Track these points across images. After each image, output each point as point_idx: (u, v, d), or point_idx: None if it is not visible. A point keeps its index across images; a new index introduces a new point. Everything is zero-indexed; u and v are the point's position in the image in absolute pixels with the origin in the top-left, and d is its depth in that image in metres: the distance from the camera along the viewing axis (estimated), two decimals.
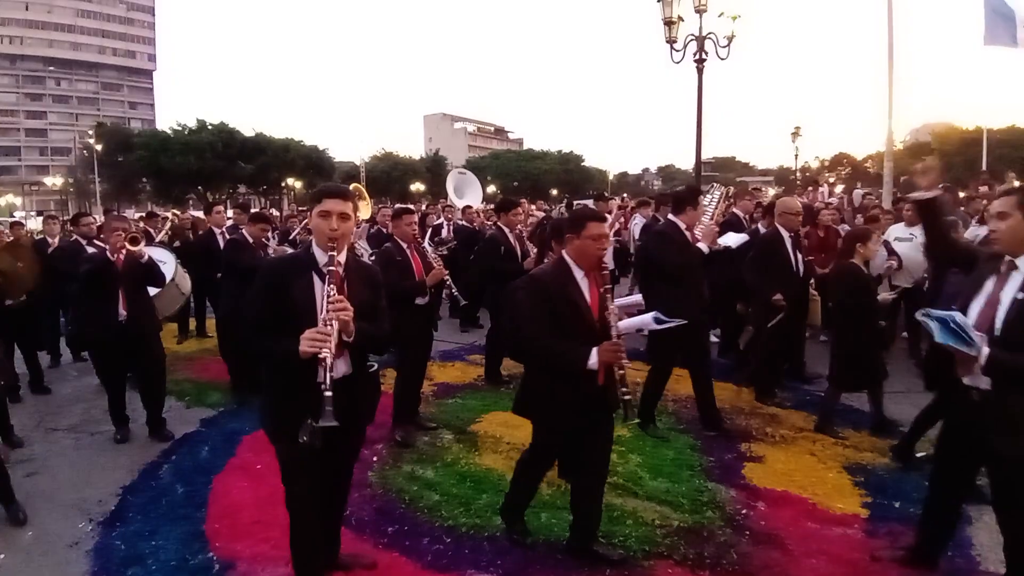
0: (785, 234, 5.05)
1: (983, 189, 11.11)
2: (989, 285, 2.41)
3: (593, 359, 2.62)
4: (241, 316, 2.52)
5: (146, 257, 4.54)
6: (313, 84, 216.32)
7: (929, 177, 2.75)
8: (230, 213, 9.12)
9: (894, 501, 3.51)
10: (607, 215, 5.09)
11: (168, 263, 6.33)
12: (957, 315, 2.32)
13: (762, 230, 5.85)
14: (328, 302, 2.22)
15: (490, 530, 3.23)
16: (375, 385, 2.67)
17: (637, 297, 3.31)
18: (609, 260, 5.97)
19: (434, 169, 54.13)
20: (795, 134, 29.14)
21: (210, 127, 44.70)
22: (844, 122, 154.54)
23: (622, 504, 3.48)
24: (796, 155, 31.18)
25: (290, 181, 45.76)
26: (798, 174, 36.53)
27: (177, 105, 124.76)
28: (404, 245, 4.52)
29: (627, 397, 2.67)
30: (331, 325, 2.18)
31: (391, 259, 4.40)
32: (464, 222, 9.48)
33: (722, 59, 9.65)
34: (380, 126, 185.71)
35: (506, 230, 5.82)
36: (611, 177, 66.36)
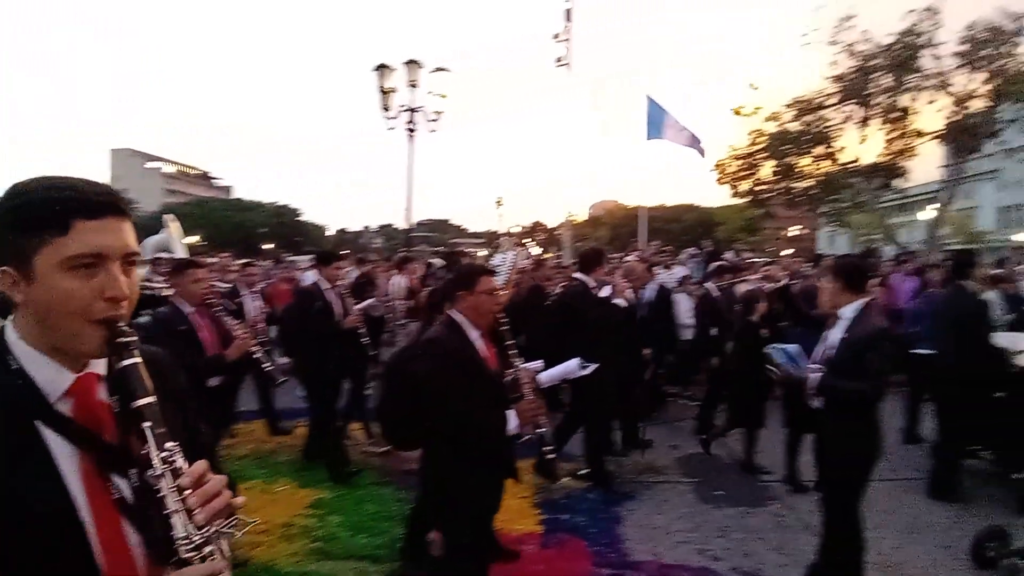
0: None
1: (632, 254, 14.14)
2: (827, 333, 3.14)
3: (513, 423, 2.47)
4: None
5: None
6: None
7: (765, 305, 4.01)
8: None
9: (563, 515, 4.14)
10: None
11: None
12: (793, 347, 3.26)
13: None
14: (173, 492, 0.83)
15: None
16: None
17: (537, 364, 3.03)
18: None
19: None
20: (499, 203, 32.90)
21: None
22: (540, 194, 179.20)
23: (317, 569, 3.42)
24: (500, 221, 35.19)
25: None
26: (504, 239, 41.09)
27: None
28: (188, 309, 3.59)
29: (551, 456, 2.58)
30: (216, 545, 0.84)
31: (170, 330, 3.40)
32: None
33: (431, 131, 10.59)
34: (49, 158, 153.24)
35: (324, 285, 5.08)
36: (330, 233, 65.59)
